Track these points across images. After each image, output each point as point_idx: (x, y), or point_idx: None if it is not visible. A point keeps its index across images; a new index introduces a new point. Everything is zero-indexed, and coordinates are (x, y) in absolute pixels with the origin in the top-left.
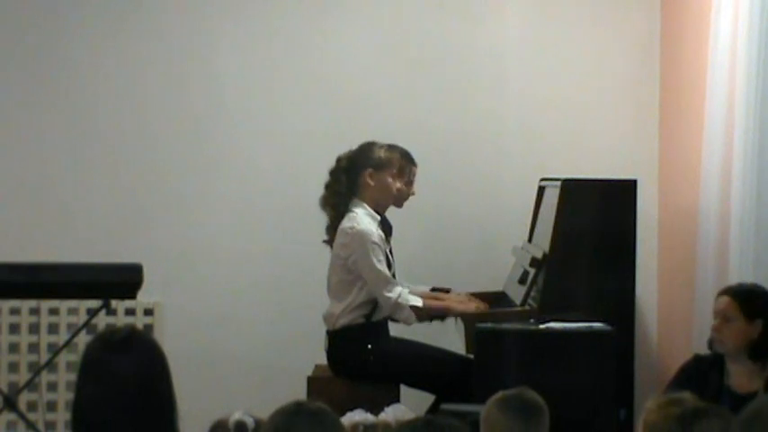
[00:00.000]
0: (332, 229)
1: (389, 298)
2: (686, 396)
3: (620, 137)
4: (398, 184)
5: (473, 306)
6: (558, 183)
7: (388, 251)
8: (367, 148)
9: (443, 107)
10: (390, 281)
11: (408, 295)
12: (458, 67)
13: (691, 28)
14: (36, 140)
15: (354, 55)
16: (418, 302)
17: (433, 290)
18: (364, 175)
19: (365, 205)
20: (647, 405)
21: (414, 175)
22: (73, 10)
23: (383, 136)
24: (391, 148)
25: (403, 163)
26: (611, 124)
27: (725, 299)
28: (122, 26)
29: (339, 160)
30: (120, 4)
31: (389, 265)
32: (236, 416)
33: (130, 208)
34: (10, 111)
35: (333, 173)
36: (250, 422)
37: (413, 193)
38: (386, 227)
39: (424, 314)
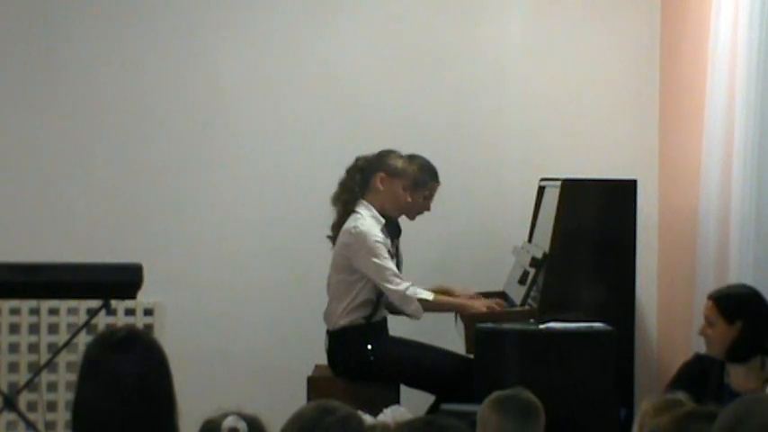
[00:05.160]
0: (337, 226)
1: (397, 290)
2: (681, 397)
3: (620, 137)
4: (410, 198)
5: (486, 304)
6: (558, 183)
7: (394, 252)
8: (386, 154)
9: (443, 107)
10: (396, 274)
11: (417, 289)
12: (458, 68)
13: (691, 28)
14: (36, 140)
15: (355, 55)
16: (428, 296)
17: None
18: (376, 178)
19: (371, 207)
20: (643, 406)
21: (434, 191)
22: (73, 11)
23: (384, 136)
24: (411, 159)
25: (420, 177)
26: (611, 124)
27: (708, 303)
28: (123, 27)
29: (357, 160)
30: (120, 6)
31: (397, 266)
32: (230, 421)
33: (130, 208)
34: (10, 111)
35: (349, 171)
36: (243, 428)
37: (428, 209)
38: (393, 229)
39: (434, 308)
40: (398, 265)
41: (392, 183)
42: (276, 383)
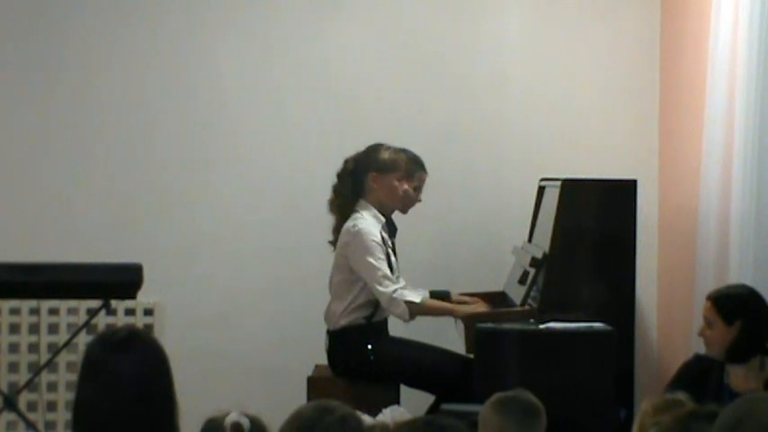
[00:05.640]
0: (338, 230)
1: (384, 293)
2: (681, 397)
3: (620, 137)
4: (405, 186)
5: (476, 309)
6: (558, 183)
7: (390, 252)
8: (373, 150)
9: (443, 107)
10: (387, 277)
11: (407, 291)
12: (458, 68)
13: (691, 28)
14: (36, 140)
15: (355, 55)
16: (416, 299)
17: (431, 293)
18: (369, 178)
19: (370, 207)
20: (643, 406)
21: (422, 182)
22: (73, 11)
23: (383, 136)
24: (398, 150)
25: (411, 167)
26: (611, 124)
27: (707, 304)
28: (123, 27)
29: (346, 162)
30: (120, 6)
31: (391, 267)
32: (233, 417)
33: (130, 208)
34: (10, 111)
35: (339, 176)
36: (246, 423)
37: (419, 200)
38: (390, 228)
39: (423, 312)
40: (391, 266)
41: (385, 178)
42: (276, 383)
